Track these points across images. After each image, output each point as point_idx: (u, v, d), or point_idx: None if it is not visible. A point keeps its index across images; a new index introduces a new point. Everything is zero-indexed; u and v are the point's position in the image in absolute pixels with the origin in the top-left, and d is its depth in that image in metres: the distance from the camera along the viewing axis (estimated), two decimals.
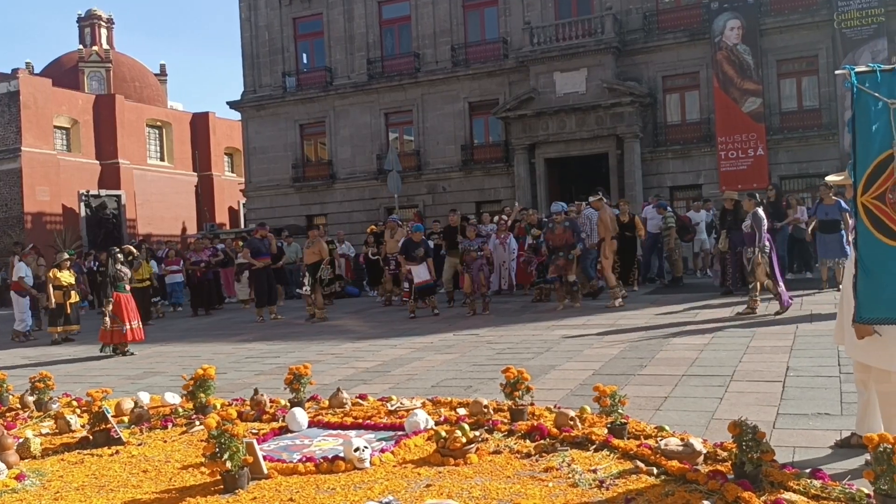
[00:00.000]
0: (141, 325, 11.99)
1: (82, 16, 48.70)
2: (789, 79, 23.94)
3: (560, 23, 25.45)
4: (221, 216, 43.40)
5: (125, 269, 12.16)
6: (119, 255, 12.15)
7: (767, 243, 10.92)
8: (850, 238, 12.36)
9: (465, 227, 15.20)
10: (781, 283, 10.91)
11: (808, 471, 4.02)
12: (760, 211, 11.14)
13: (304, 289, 15.41)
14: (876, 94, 3.95)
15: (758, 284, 10.93)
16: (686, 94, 25.11)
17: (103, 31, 48.66)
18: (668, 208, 17.17)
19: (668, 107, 25.27)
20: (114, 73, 46.33)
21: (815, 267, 14.79)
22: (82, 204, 36.74)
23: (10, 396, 7.64)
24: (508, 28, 26.83)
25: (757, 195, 11.92)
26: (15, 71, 37.57)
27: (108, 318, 11.50)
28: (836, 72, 4.85)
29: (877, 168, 3.98)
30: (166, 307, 19.25)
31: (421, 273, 13.84)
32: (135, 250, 13.59)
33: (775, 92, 23.89)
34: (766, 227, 11.03)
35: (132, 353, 11.60)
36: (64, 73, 44.32)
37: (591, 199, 14.22)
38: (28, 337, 14.90)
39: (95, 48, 47.04)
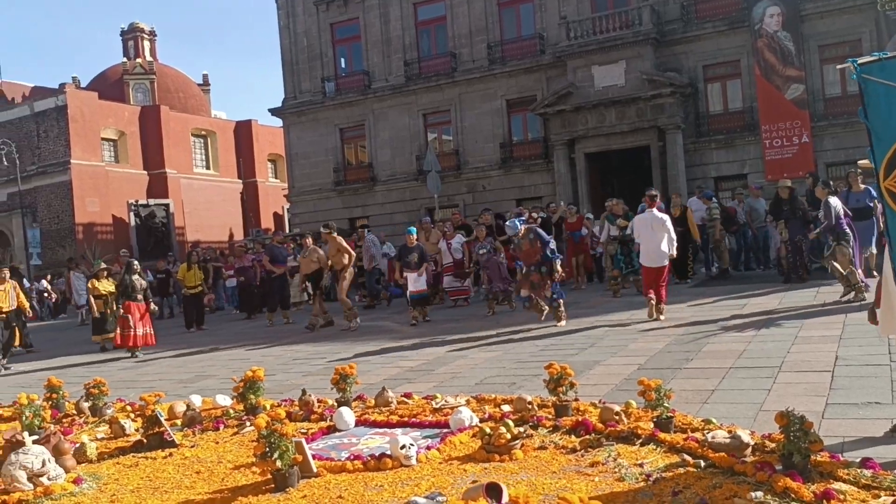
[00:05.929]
0: (152, 332, 13.05)
1: (125, 29, 49.60)
2: (832, 64, 23.38)
3: (597, 16, 25.26)
4: (266, 221, 44.00)
5: (142, 281, 13.17)
6: (135, 266, 13.25)
7: (848, 230, 10.94)
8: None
9: (501, 226, 15.00)
10: (859, 270, 10.81)
11: (858, 460, 3.95)
12: (832, 199, 11.19)
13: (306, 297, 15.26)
14: (885, 82, 3.95)
15: (839, 270, 10.49)
16: (728, 82, 24.71)
17: (146, 44, 49.56)
18: (714, 199, 16.90)
19: (710, 96, 24.91)
20: (158, 85, 47.22)
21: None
22: (132, 213, 37.62)
23: (67, 403, 7.86)
24: (544, 23, 26.69)
25: (831, 183, 11.78)
26: (62, 86, 38.47)
27: (149, 314, 13.13)
28: (838, 66, 4.91)
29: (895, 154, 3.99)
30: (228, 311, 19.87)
31: (416, 281, 13.01)
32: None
33: (818, 78, 23.38)
34: (836, 215, 11.06)
35: (137, 357, 12.55)
36: (109, 86, 45.32)
37: (322, 230, 14.24)
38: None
39: (139, 60, 47.98)
